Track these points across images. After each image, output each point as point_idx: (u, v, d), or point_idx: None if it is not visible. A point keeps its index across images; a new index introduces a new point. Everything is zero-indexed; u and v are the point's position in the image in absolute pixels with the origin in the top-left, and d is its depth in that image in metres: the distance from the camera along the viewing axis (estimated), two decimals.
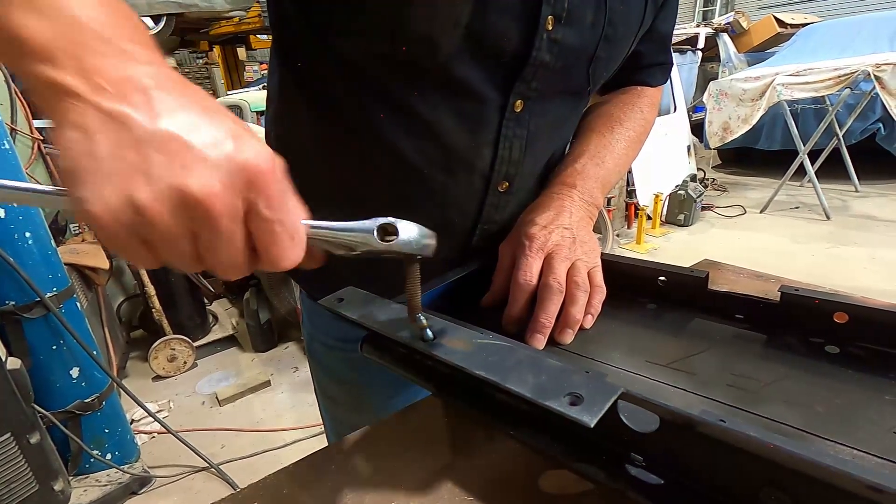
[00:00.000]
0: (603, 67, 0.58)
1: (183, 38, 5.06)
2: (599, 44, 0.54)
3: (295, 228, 0.29)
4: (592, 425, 0.24)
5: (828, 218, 3.79)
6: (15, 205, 0.33)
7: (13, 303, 1.50)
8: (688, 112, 4.58)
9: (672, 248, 3.63)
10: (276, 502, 0.36)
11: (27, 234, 1.52)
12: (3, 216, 1.45)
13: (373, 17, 0.47)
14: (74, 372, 1.65)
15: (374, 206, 0.55)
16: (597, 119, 0.68)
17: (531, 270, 0.52)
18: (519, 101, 0.53)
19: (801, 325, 0.44)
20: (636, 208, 3.76)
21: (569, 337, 0.49)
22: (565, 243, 0.53)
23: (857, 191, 4.32)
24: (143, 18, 4.05)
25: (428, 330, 0.35)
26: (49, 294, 1.55)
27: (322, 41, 0.52)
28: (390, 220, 0.32)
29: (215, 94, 7.47)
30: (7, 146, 1.48)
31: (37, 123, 2.34)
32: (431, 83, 0.51)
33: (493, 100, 0.52)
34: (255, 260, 0.29)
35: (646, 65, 0.69)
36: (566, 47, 0.51)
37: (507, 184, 0.58)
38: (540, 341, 0.47)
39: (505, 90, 0.52)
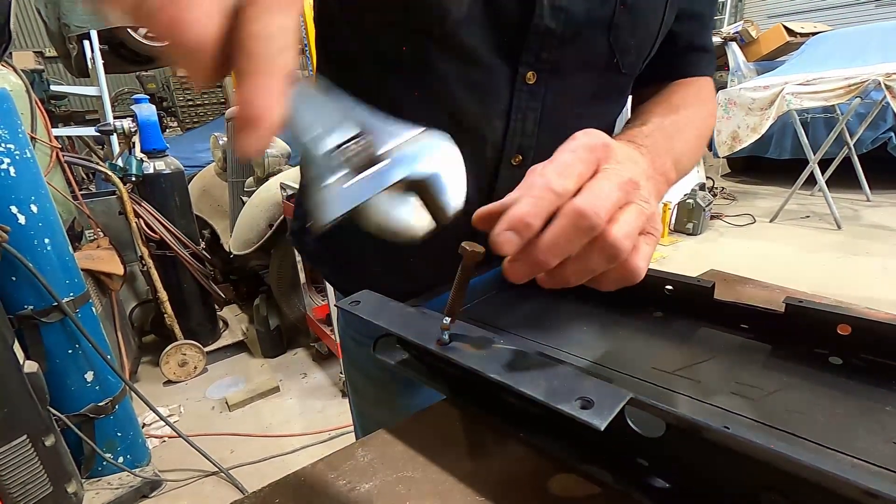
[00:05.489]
0: (628, 36, 0.54)
1: None
2: (616, 10, 0.52)
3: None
4: (603, 428, 0.25)
5: (839, 227, 3.77)
6: None
7: (31, 307, 1.53)
8: None
9: (680, 257, 3.62)
10: (294, 501, 0.37)
11: (46, 241, 1.55)
12: (23, 222, 1.49)
13: None
14: (89, 376, 1.68)
15: None
16: (654, 105, 0.60)
17: (566, 170, 0.34)
18: (531, 72, 0.53)
19: (805, 336, 0.44)
20: None
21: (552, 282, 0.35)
22: (630, 176, 0.36)
23: (868, 200, 4.28)
24: None
25: (446, 333, 0.37)
26: (66, 299, 1.58)
27: (348, 18, 0.57)
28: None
29: (227, 103, 7.59)
30: (28, 154, 1.52)
31: (55, 132, 2.39)
32: (442, 52, 0.53)
33: (502, 70, 0.53)
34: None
35: (683, 47, 0.64)
36: (574, 14, 0.51)
37: (521, 157, 0.57)
38: (510, 243, 0.32)
39: (512, 60, 0.53)
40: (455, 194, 0.26)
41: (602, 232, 0.32)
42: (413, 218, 0.27)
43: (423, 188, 0.26)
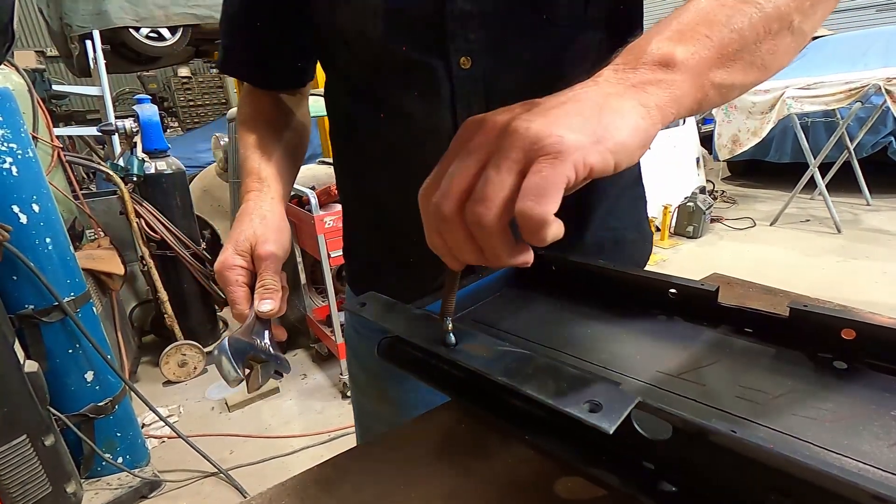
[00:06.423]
0: None
1: (198, 48, 5.16)
2: None
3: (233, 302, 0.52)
4: (611, 432, 0.25)
5: (839, 231, 3.77)
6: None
7: (32, 307, 1.53)
8: (697, 124, 4.59)
9: (681, 260, 3.62)
10: (300, 503, 0.37)
11: (47, 240, 1.55)
12: (25, 222, 1.49)
13: (321, 26, 0.59)
14: (89, 376, 1.68)
15: (376, 191, 0.65)
16: None
17: (429, 182, 0.35)
18: (463, 58, 0.53)
19: (809, 341, 0.44)
20: None
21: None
22: (486, 127, 0.33)
23: (868, 204, 4.29)
24: (160, 29, 4.14)
25: (451, 335, 0.37)
26: (67, 298, 1.58)
27: (324, 56, 0.65)
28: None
29: (228, 103, 7.60)
30: (31, 154, 1.52)
31: (57, 132, 2.39)
32: (382, 68, 0.56)
33: (437, 65, 0.54)
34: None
35: None
36: None
37: None
38: (452, 261, 0.34)
39: (443, 52, 0.53)
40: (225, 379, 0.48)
41: (459, 209, 0.31)
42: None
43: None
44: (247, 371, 0.50)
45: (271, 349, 0.51)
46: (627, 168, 0.32)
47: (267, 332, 0.51)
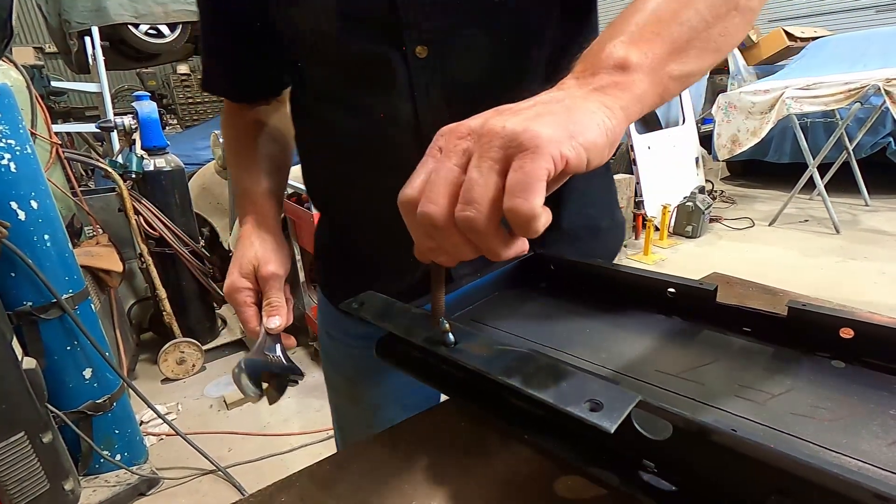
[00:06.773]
0: None
1: (197, 45, 5.15)
2: None
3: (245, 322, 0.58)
4: (612, 431, 0.25)
5: (837, 232, 3.78)
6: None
7: (30, 304, 1.53)
8: (696, 124, 4.59)
9: (680, 260, 3.63)
10: (300, 500, 0.37)
11: (46, 237, 1.55)
12: (23, 218, 1.49)
13: (282, 32, 0.59)
14: (87, 373, 1.67)
15: (357, 190, 0.64)
16: None
17: (409, 186, 0.34)
18: (419, 47, 0.53)
19: (807, 340, 0.45)
20: (644, 219, 3.76)
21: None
22: (461, 131, 0.33)
23: (867, 205, 4.30)
24: (160, 26, 4.13)
25: (449, 334, 0.37)
26: (65, 295, 1.58)
27: (288, 61, 0.64)
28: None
29: None
30: (29, 150, 1.52)
31: (55, 128, 2.39)
32: (341, 64, 0.56)
33: (394, 57, 0.53)
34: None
35: None
36: None
37: None
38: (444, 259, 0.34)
39: (398, 42, 0.53)
40: (247, 397, 0.53)
41: (450, 214, 0.31)
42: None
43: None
44: (265, 385, 0.53)
45: (283, 361, 0.54)
46: None
47: (278, 346, 0.55)
